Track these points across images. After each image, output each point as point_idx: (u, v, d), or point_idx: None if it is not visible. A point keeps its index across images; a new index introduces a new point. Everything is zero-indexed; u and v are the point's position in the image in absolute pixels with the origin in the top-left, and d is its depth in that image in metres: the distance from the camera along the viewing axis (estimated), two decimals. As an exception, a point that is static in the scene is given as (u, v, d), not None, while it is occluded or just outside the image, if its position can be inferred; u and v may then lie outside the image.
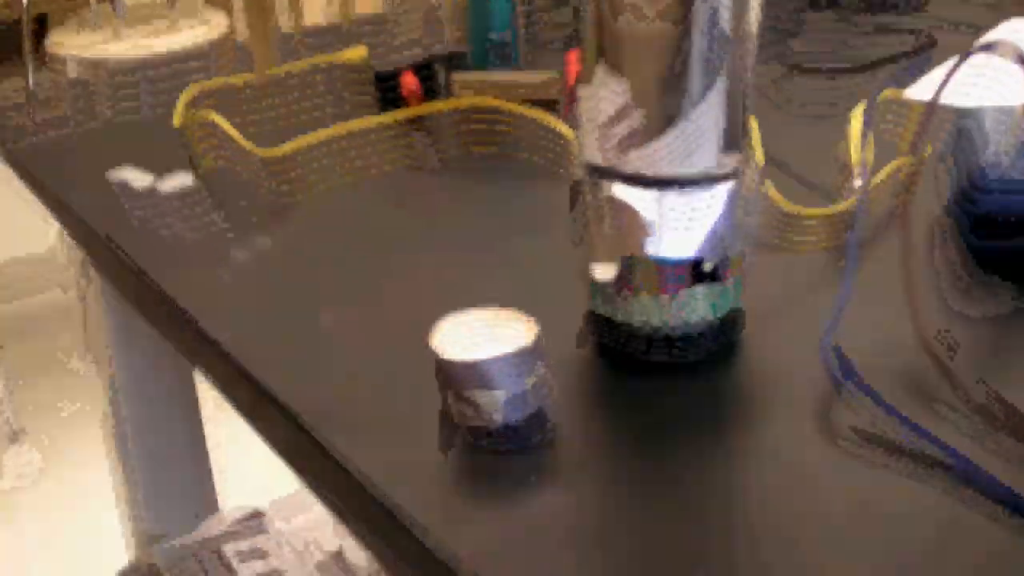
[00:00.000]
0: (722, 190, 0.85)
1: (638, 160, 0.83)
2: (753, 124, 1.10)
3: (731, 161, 0.84)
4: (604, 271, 0.92)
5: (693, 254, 0.85)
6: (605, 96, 0.82)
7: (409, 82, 1.41)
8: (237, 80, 1.43)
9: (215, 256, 1.08)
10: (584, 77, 0.87)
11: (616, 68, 0.81)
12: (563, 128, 1.18)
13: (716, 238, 0.85)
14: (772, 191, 1.07)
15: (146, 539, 1.59)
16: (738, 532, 0.69)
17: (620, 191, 0.85)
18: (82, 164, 1.38)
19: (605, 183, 0.86)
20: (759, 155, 1.14)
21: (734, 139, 0.84)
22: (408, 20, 1.77)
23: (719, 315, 0.91)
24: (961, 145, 1.03)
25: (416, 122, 1.32)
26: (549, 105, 1.32)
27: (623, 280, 0.90)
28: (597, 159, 0.85)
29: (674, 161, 0.83)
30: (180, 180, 1.26)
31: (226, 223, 1.19)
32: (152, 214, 1.22)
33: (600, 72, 0.82)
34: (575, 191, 0.95)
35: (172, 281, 1.03)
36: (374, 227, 1.11)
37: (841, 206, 1.04)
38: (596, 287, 0.93)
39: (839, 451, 0.75)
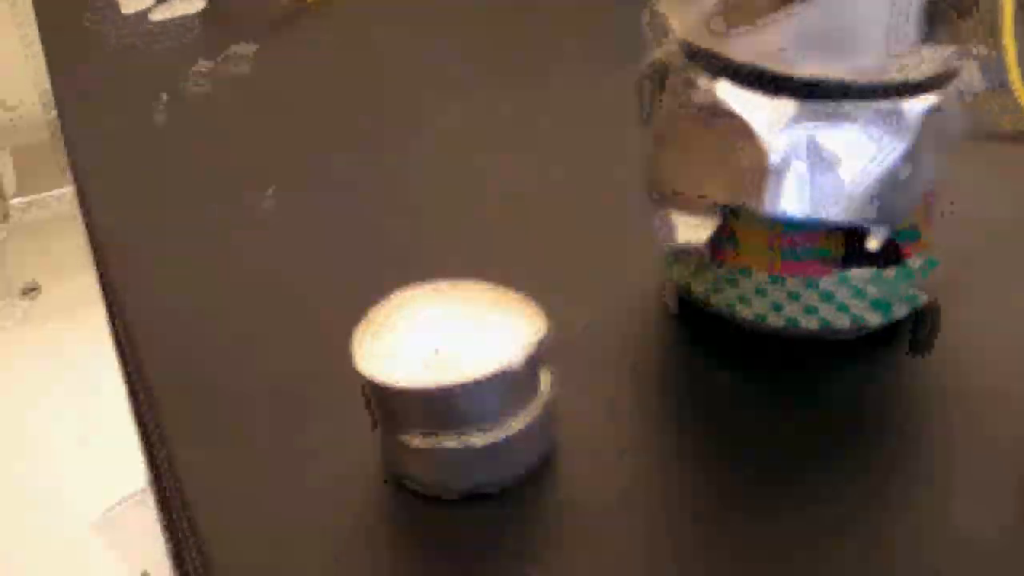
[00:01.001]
0: (915, 107, 0.54)
1: (758, 43, 0.54)
2: None
3: (935, 55, 0.54)
4: (692, 227, 0.59)
5: (850, 217, 0.55)
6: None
7: None
8: None
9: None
10: None
11: None
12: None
13: (895, 188, 0.55)
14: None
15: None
16: None
17: (727, 93, 0.55)
18: None
19: (702, 77, 0.56)
20: (1008, 38, 0.72)
21: (941, 14, 0.54)
22: None
23: (893, 317, 0.60)
24: None
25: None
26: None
27: (724, 246, 0.59)
28: (693, 35, 0.57)
29: (824, 50, 0.53)
30: (183, 7, 0.98)
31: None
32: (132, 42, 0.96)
33: None
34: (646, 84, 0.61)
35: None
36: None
37: None
38: (676, 250, 0.61)
39: None
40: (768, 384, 0.59)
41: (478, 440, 0.51)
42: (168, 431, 0.60)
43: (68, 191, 2.13)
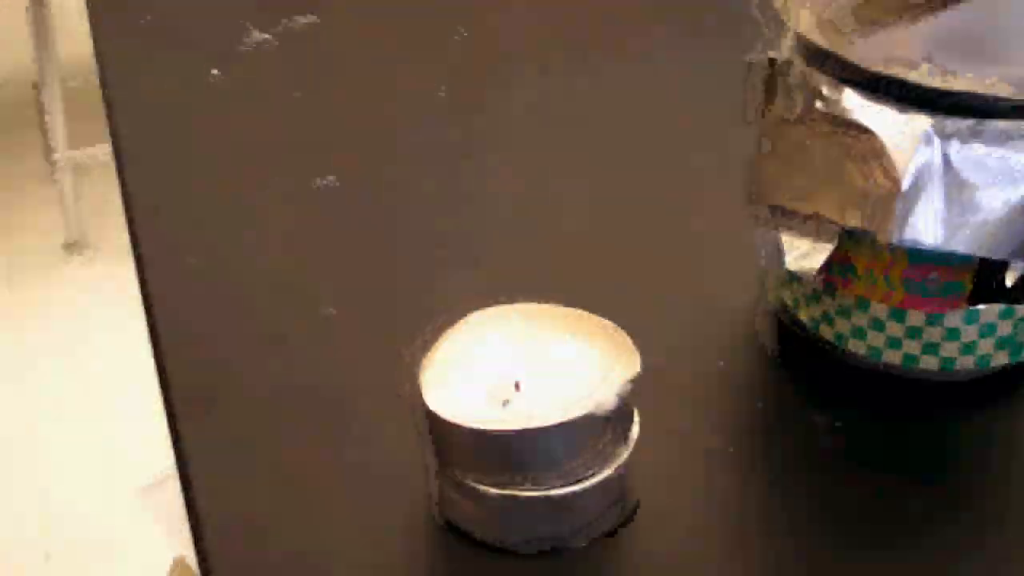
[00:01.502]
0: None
1: (892, 48, 0.50)
2: None
3: None
4: (803, 253, 0.53)
5: (987, 250, 0.50)
6: None
7: None
8: None
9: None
10: None
11: None
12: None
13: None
14: None
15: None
16: None
17: (854, 103, 0.49)
18: None
19: (826, 86, 0.50)
20: None
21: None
22: None
23: (1021, 358, 0.54)
24: None
25: None
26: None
27: (839, 273, 0.53)
28: (816, 34, 0.51)
29: (967, 59, 0.48)
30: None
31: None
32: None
33: None
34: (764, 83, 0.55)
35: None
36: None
37: None
38: (785, 275, 0.56)
39: None
40: (884, 430, 0.52)
41: (556, 491, 0.45)
42: (181, 433, 0.54)
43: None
